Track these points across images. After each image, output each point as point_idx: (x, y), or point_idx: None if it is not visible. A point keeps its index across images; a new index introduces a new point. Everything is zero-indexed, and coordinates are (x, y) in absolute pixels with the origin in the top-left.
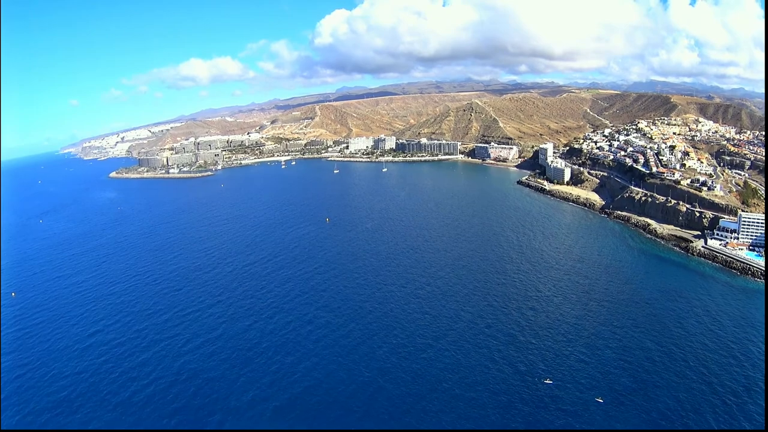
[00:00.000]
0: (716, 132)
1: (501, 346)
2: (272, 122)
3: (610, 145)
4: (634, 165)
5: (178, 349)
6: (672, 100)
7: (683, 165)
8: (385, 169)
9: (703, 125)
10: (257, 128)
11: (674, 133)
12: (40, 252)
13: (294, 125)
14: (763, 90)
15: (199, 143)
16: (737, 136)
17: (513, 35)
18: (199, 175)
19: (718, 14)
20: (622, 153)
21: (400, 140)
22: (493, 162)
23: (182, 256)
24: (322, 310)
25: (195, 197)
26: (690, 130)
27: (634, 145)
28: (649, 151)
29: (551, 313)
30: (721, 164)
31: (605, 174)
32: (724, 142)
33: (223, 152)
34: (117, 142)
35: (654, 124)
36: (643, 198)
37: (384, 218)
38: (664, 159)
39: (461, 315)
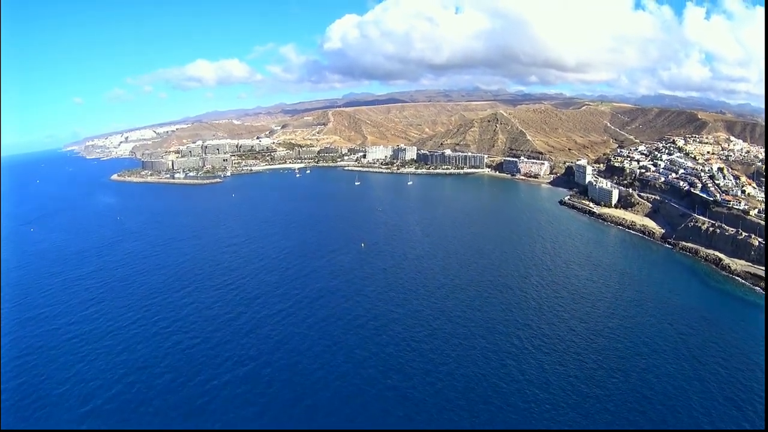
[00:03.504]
0: (749, 152)
1: (630, 415)
2: (282, 127)
3: (655, 165)
4: (692, 190)
5: None
6: (700, 116)
7: (743, 191)
8: (410, 182)
9: (735, 144)
10: (267, 132)
11: (709, 152)
12: (24, 275)
13: (306, 131)
14: None
15: (206, 147)
16: None
17: (526, 44)
18: (207, 181)
19: (732, 29)
20: (674, 175)
21: (422, 150)
22: (523, 177)
23: (198, 292)
24: (406, 382)
25: (205, 209)
26: (722, 149)
27: (684, 166)
28: (703, 174)
29: (673, 378)
30: (761, 187)
31: (657, 198)
32: (759, 163)
33: (232, 157)
34: (121, 142)
35: (687, 142)
36: (711, 228)
37: (430, 244)
38: (722, 183)
39: (572, 383)
